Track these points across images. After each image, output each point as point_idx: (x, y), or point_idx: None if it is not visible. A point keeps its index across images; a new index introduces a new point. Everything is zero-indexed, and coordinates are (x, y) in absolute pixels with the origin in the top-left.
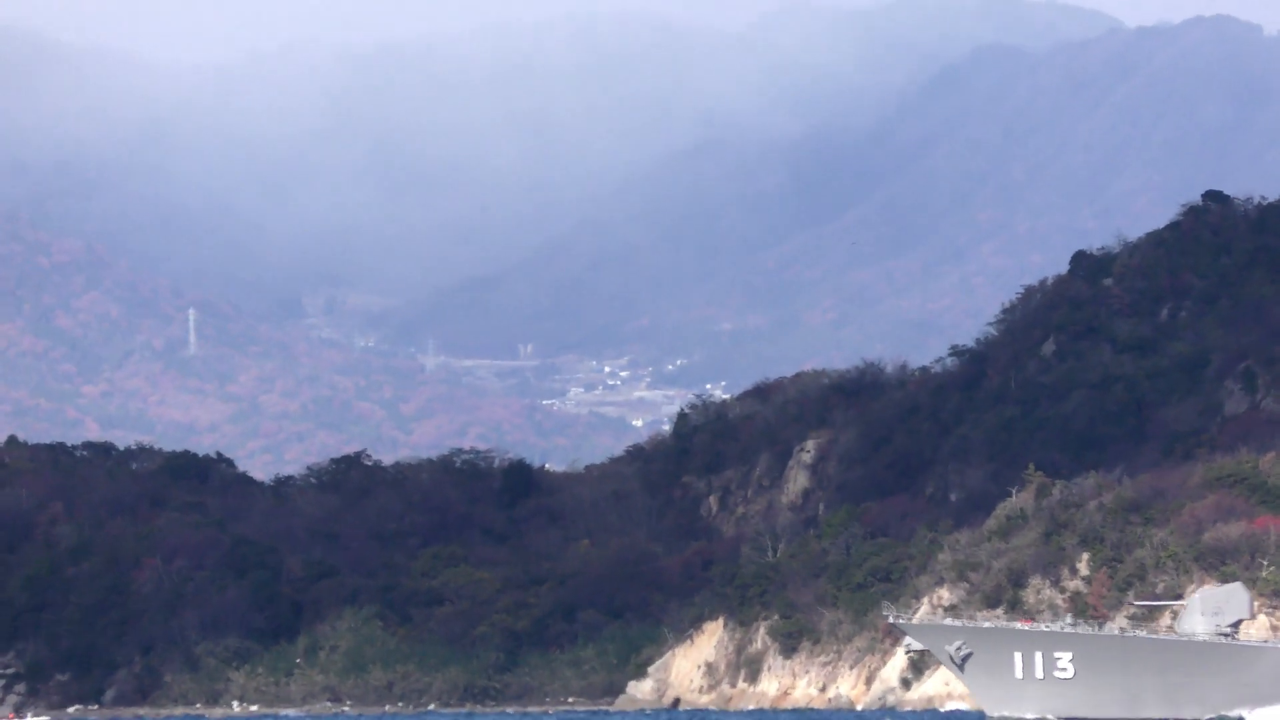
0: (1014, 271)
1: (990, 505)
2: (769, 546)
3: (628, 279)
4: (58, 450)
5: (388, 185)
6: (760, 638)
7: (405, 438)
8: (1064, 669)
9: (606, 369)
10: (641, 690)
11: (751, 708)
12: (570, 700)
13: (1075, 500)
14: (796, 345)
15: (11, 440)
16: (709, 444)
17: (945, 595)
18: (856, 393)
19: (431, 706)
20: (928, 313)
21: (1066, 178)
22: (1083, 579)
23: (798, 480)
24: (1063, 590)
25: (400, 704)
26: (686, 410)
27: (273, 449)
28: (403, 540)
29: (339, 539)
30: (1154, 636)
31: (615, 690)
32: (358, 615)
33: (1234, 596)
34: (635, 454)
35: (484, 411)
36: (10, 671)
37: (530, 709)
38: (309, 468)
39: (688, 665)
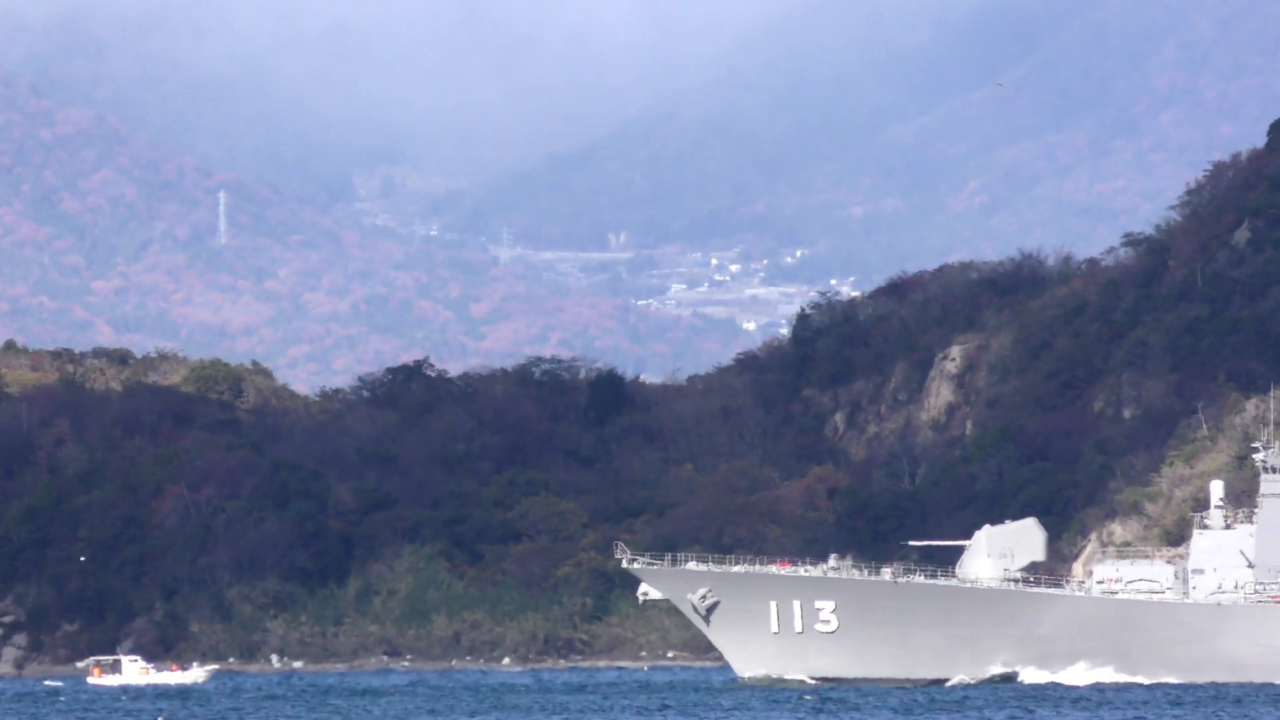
0: (1200, 145)
1: (1172, 424)
2: (906, 472)
3: (738, 157)
4: (64, 357)
5: (453, 46)
6: None
7: (475, 344)
8: (826, 621)
9: (713, 262)
10: None
11: None
12: (671, 655)
13: (1275, 418)
14: (939, 234)
15: (9, 346)
16: (835, 351)
17: (1118, 531)
18: (1011, 290)
19: (505, 661)
20: (1096, 195)
21: (1262, 32)
22: None
23: (940, 393)
24: None
25: (468, 659)
26: (808, 310)
27: (318, 357)
28: (472, 465)
29: (397, 463)
30: (930, 582)
31: None
32: (419, 554)
33: (1025, 535)
34: (747, 363)
35: (568, 313)
36: (9, 620)
37: (623, 664)
38: (361, 379)
39: None
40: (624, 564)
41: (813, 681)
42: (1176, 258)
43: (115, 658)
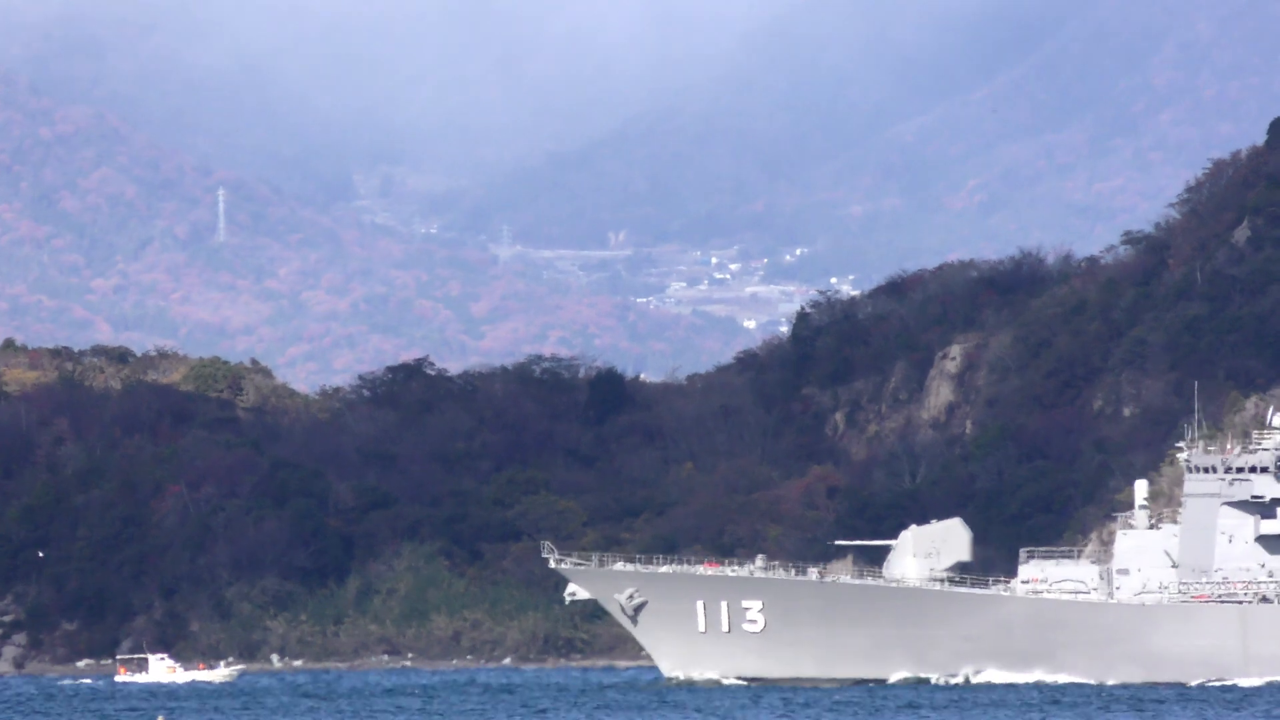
0: (1199, 144)
1: (1171, 422)
2: (906, 471)
3: (738, 155)
4: (63, 356)
5: (453, 46)
6: None
7: (475, 342)
8: (753, 621)
9: (713, 260)
10: None
11: None
12: None
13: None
14: (938, 233)
15: (9, 344)
16: (834, 349)
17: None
18: (1011, 288)
19: (506, 661)
20: (1095, 194)
21: (1261, 32)
22: None
23: (940, 392)
24: None
25: (469, 658)
26: (808, 309)
27: (318, 355)
28: (472, 463)
29: (396, 462)
30: (857, 583)
31: None
32: (418, 552)
33: (952, 535)
34: (747, 361)
35: (567, 311)
36: (9, 619)
37: (624, 664)
38: (361, 377)
39: None
40: (551, 564)
41: (741, 682)
42: (1176, 256)
43: (142, 656)
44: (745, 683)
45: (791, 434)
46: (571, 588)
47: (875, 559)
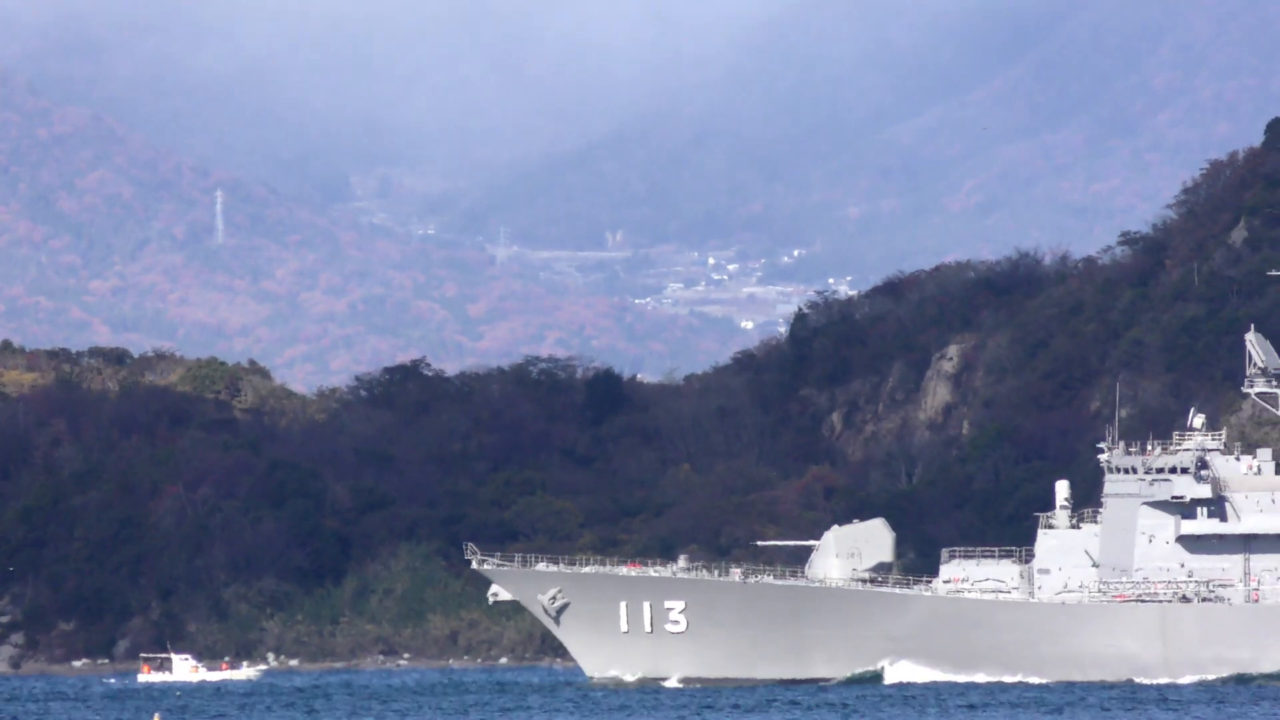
0: (1196, 144)
1: (1168, 424)
2: (903, 472)
3: (735, 156)
4: (60, 357)
5: (450, 47)
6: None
7: (472, 343)
8: (676, 621)
9: (710, 261)
10: None
11: None
12: None
13: (1272, 418)
14: (935, 233)
15: (6, 345)
16: (832, 350)
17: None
18: (1008, 289)
19: (503, 661)
20: (1093, 195)
21: (1258, 32)
22: None
23: (937, 393)
24: None
25: (466, 658)
26: (805, 310)
27: (315, 356)
28: (469, 464)
29: (393, 463)
30: (780, 583)
31: None
32: (415, 553)
33: (874, 535)
34: (744, 362)
35: (565, 312)
36: (5, 619)
37: None
38: (358, 378)
39: None
40: (474, 565)
41: (674, 683)
42: (1173, 257)
43: (165, 655)
44: (681, 684)
45: (789, 434)
46: (495, 588)
47: (799, 560)
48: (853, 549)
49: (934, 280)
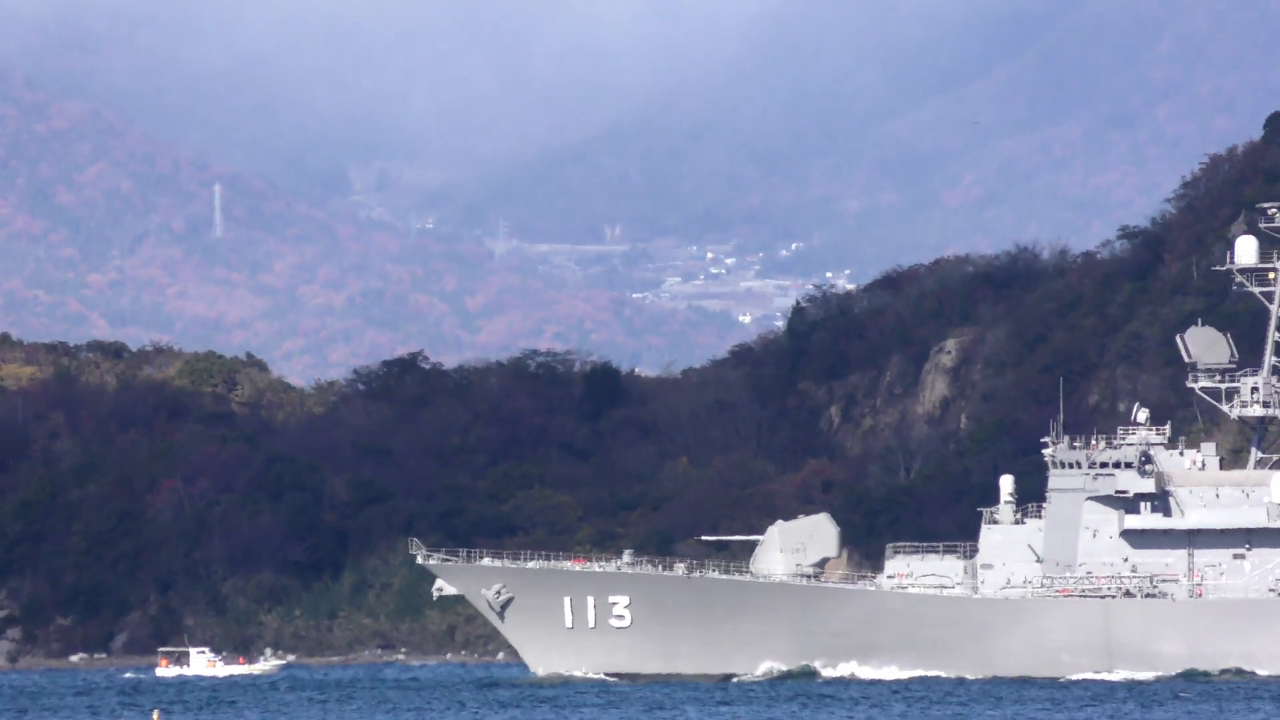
0: (1195, 138)
1: (1168, 419)
2: (901, 466)
3: (734, 150)
4: (58, 350)
5: (449, 40)
6: None
7: (470, 337)
8: (620, 616)
9: (709, 255)
10: None
11: None
12: None
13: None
14: (934, 227)
15: (4, 339)
16: (830, 344)
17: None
18: (1006, 283)
19: (500, 656)
20: (1092, 189)
21: (1258, 26)
22: None
23: (936, 387)
24: None
25: (464, 653)
26: (803, 304)
27: (313, 350)
28: (467, 458)
29: (391, 456)
30: (724, 578)
31: None
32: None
33: (819, 530)
34: (742, 356)
35: (563, 306)
36: (3, 614)
37: None
38: (356, 372)
39: None
40: (418, 560)
41: (611, 678)
42: (1172, 251)
43: (183, 649)
44: (617, 679)
45: (787, 428)
46: (439, 583)
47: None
48: (797, 544)
49: (932, 274)
